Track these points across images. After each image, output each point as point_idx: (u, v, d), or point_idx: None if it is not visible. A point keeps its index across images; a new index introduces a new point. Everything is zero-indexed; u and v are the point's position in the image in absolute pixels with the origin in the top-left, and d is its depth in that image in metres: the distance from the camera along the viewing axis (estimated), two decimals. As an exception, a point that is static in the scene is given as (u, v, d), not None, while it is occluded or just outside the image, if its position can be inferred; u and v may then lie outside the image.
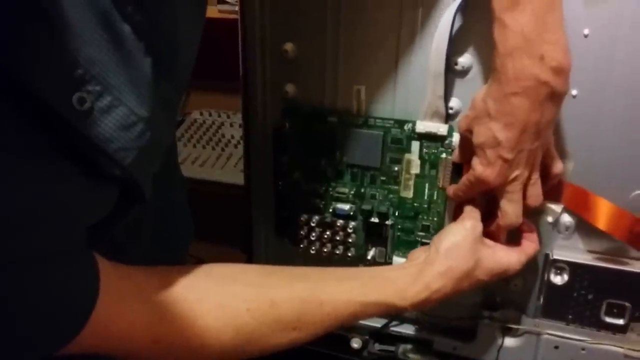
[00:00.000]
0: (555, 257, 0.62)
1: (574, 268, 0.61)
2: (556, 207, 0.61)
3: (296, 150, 0.68)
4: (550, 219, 0.61)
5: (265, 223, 0.74)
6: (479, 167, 0.53)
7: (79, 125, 0.34)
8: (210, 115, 1.58)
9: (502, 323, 0.66)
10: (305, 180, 0.69)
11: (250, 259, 0.77)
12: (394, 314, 0.52)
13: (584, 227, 0.61)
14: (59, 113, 0.33)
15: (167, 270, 0.47)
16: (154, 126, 0.39)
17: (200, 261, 1.66)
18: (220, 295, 0.48)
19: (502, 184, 0.53)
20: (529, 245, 0.59)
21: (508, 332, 0.67)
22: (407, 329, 0.72)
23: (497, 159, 0.51)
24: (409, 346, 0.74)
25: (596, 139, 0.57)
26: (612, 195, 0.58)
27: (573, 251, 0.62)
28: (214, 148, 1.46)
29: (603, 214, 0.58)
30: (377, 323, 0.73)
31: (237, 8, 0.67)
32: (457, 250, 0.55)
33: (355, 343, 0.73)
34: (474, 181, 0.54)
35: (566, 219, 0.61)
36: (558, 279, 0.62)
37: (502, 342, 0.67)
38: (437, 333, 0.71)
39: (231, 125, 1.51)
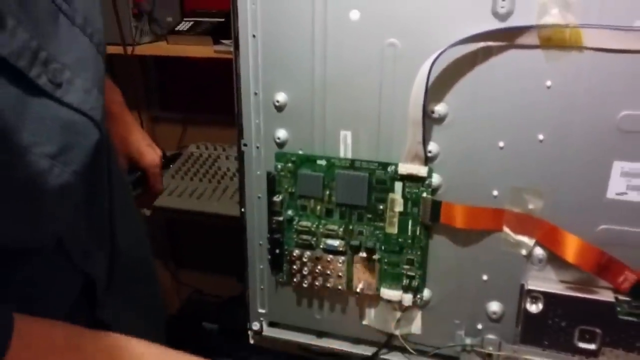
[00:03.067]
0: (530, 287, 0.65)
1: (548, 297, 0.65)
2: (529, 241, 0.65)
3: (288, 191, 0.72)
4: (524, 251, 0.65)
5: (261, 259, 0.78)
6: None
7: (59, 94, 0.42)
8: (206, 148, 1.62)
9: (483, 349, 0.70)
10: (297, 219, 0.73)
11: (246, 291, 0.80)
12: None
13: (556, 260, 0.64)
14: (42, 90, 0.41)
15: (75, 332, 0.49)
16: (101, 90, 0.48)
17: (197, 291, 1.68)
18: None
19: None
20: None
21: (489, 358, 0.70)
22: (396, 357, 0.76)
23: None
24: (398, 373, 0.77)
25: (562, 179, 0.61)
26: (580, 230, 0.62)
27: (546, 281, 0.65)
28: (211, 181, 1.50)
29: (572, 248, 0.62)
30: (367, 351, 0.76)
31: (232, 48, 0.70)
32: None
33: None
34: None
35: (539, 251, 0.65)
36: (534, 308, 0.66)
37: (484, 368, 0.71)
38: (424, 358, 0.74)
39: (227, 157, 1.55)
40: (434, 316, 0.72)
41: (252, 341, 0.83)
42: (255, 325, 0.81)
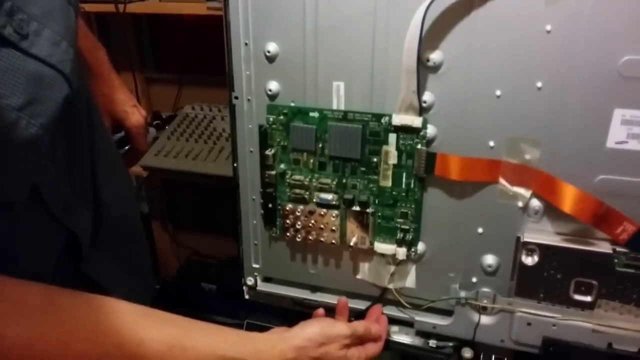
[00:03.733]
0: (526, 239, 0.64)
1: (544, 249, 0.63)
2: (525, 192, 0.63)
3: (281, 144, 0.70)
4: (520, 203, 0.63)
5: (254, 214, 0.76)
6: None
7: (25, 46, 0.40)
8: (201, 109, 1.59)
9: (478, 302, 0.68)
10: (290, 173, 0.70)
11: (239, 247, 0.79)
12: None
13: (552, 211, 0.62)
14: (8, 40, 0.39)
15: (53, 291, 0.48)
16: (72, 43, 0.46)
17: (196, 252, 1.67)
18: (95, 325, 0.48)
19: None
20: (373, 347, 0.67)
21: (484, 311, 0.69)
22: (390, 311, 0.74)
23: None
24: (393, 327, 0.76)
25: (561, 128, 0.59)
26: (578, 181, 0.60)
27: (542, 233, 0.64)
28: (206, 141, 1.47)
29: (569, 198, 0.59)
30: (361, 305, 0.75)
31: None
32: (317, 337, 0.61)
33: (342, 325, 0.75)
34: None
35: (535, 203, 0.63)
36: (529, 260, 0.64)
37: (479, 321, 0.69)
38: (418, 314, 0.73)
39: (222, 118, 1.52)
40: (429, 270, 0.71)
41: (247, 296, 0.82)
42: (250, 280, 0.80)
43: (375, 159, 0.66)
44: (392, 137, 0.65)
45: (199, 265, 1.81)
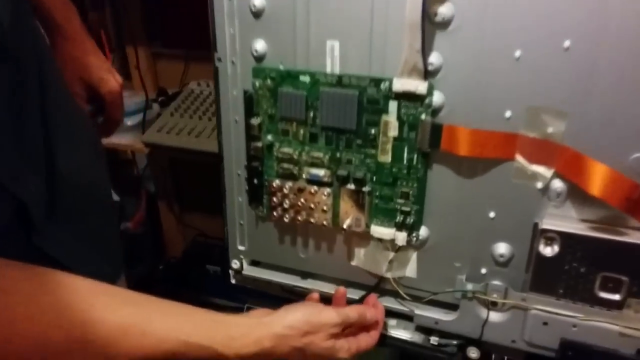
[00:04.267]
0: (545, 226, 0.54)
1: (566, 238, 0.54)
2: (546, 172, 0.53)
3: (268, 113, 0.61)
4: (539, 184, 0.54)
5: (239, 191, 0.67)
6: None
7: None
8: (207, 85, 1.51)
9: (487, 297, 0.59)
10: (278, 145, 0.62)
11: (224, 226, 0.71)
12: None
13: (577, 194, 0.53)
14: None
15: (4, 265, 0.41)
16: None
17: (202, 234, 1.57)
18: (41, 302, 0.42)
19: None
20: (366, 340, 0.59)
21: (493, 306, 0.60)
22: (388, 302, 0.66)
23: None
24: (391, 321, 0.67)
25: (591, 95, 0.49)
26: (608, 159, 0.50)
27: (564, 220, 0.54)
28: (210, 119, 1.39)
29: (598, 179, 0.50)
30: (355, 295, 0.66)
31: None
32: (300, 325, 0.53)
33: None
34: None
35: (557, 184, 0.53)
36: (548, 250, 0.55)
37: (487, 317, 0.60)
38: (418, 307, 0.64)
39: (228, 95, 1.44)
40: (432, 258, 0.62)
41: (233, 280, 0.74)
42: (235, 264, 0.72)
43: (373, 131, 0.57)
44: (393, 105, 0.56)
45: (205, 247, 1.75)
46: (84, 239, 0.55)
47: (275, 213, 0.64)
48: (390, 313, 0.66)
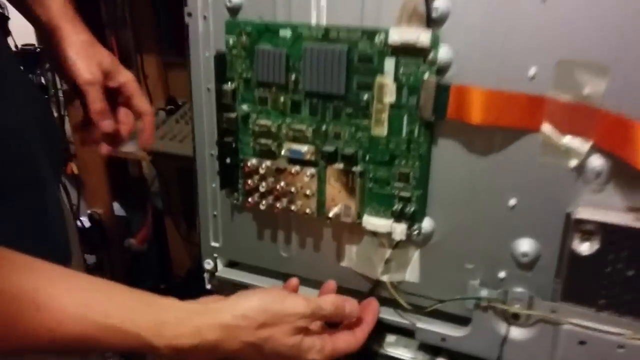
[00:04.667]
0: (581, 216, 0.42)
1: (607, 232, 0.41)
2: (581, 145, 0.41)
3: (243, 77, 0.51)
4: (573, 162, 0.42)
5: (212, 175, 0.57)
6: None
7: None
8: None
9: (507, 307, 0.47)
10: (255, 116, 0.51)
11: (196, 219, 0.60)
12: (145, 352, 0.37)
13: (622, 173, 0.41)
14: None
15: None
16: None
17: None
18: None
19: None
20: (346, 340, 0.47)
21: (514, 320, 0.47)
22: (385, 314, 0.54)
23: None
24: (389, 337, 0.55)
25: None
26: (665, 124, 0.38)
27: (606, 208, 0.42)
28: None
29: (651, 148, 0.38)
30: (346, 304, 0.54)
31: None
32: (256, 315, 0.41)
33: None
34: None
35: (596, 162, 0.41)
36: (585, 247, 0.43)
37: (507, 334, 0.48)
38: (421, 319, 0.52)
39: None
40: (437, 258, 0.50)
41: (208, 285, 0.63)
42: (208, 264, 0.61)
43: (365, 96, 0.46)
44: (390, 63, 0.45)
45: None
46: (9, 219, 0.45)
47: (250, 199, 0.53)
48: (388, 327, 0.54)
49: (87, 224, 1.62)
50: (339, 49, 0.46)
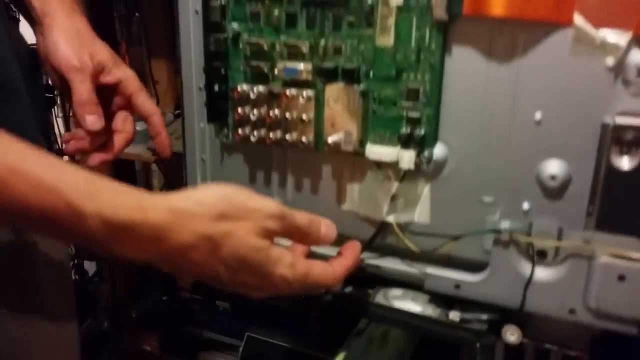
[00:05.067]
0: (620, 122, 0.36)
1: (652, 140, 0.35)
2: (620, 38, 0.35)
3: (233, -9, 0.46)
4: (610, 60, 0.36)
5: (201, 112, 0.51)
6: None
7: None
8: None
9: (532, 240, 0.40)
10: (246, 35, 0.46)
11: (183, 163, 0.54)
12: (68, 230, 0.30)
13: (669, 70, 0.35)
14: None
15: None
16: None
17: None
18: None
19: None
20: (322, 267, 0.38)
21: (540, 258, 0.41)
22: (390, 263, 0.47)
23: None
24: (394, 291, 0.48)
25: None
26: None
27: (650, 112, 0.36)
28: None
29: None
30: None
31: None
32: (216, 203, 0.33)
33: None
34: None
35: (637, 57, 0.35)
36: (625, 162, 0.37)
37: (532, 274, 0.41)
38: (432, 266, 0.45)
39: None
40: (451, 191, 0.43)
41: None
42: (194, 215, 0.54)
43: (370, 1, 0.41)
44: (397, -42, 0.39)
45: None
46: None
47: (240, 131, 0.47)
48: (393, 282, 0.47)
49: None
50: (340, -55, 0.41)
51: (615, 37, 0.36)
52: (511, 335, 0.43)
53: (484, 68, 0.40)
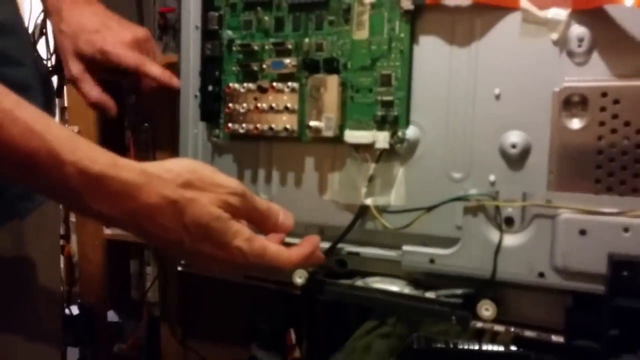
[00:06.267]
0: (566, 84, 0.40)
1: (595, 97, 0.39)
2: (559, 14, 0.40)
3: (230, 4, 0.52)
4: (554, 35, 0.41)
5: (195, 119, 0.55)
6: None
7: None
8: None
9: (498, 203, 0.42)
10: (239, 41, 0.51)
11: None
12: (46, 176, 0.32)
13: (604, 40, 0.39)
14: None
15: None
16: None
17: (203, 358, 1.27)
18: None
19: None
20: (278, 249, 0.40)
21: (509, 227, 0.42)
22: (368, 250, 0.48)
23: None
24: (373, 278, 0.49)
25: None
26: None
27: (593, 76, 0.40)
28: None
29: (628, -13, 0.37)
30: (325, 244, 0.49)
31: None
32: (183, 172, 0.36)
33: (299, 277, 0.49)
34: None
35: (577, 30, 0.40)
36: (575, 122, 0.40)
37: (500, 241, 0.42)
38: (406, 242, 0.47)
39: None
40: (423, 171, 0.46)
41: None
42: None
43: (347, 0, 0.47)
44: (369, -35, 0.46)
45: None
46: None
47: (230, 125, 0.51)
48: (371, 274, 0.49)
49: (75, 311, 1.53)
50: (322, -45, 0.47)
51: (557, 14, 0.41)
52: (486, 310, 0.43)
53: (447, 52, 0.44)
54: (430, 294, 0.45)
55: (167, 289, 1.62)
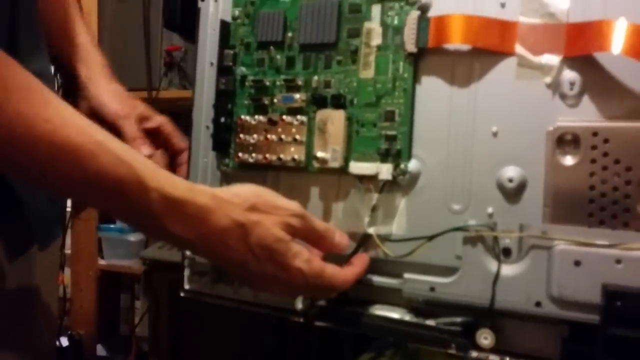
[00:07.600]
0: (560, 124, 0.42)
1: (588, 136, 0.41)
2: (552, 60, 0.43)
3: (244, 42, 0.55)
4: (547, 79, 0.44)
5: (206, 148, 0.57)
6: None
7: None
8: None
9: (496, 234, 0.44)
10: (251, 76, 0.54)
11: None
12: (132, 201, 0.36)
13: (594, 85, 0.42)
14: None
15: None
16: None
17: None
18: None
19: None
20: (334, 269, 0.44)
21: (506, 257, 0.44)
22: (369, 276, 0.49)
23: None
24: (377, 306, 0.50)
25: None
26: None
27: (584, 116, 0.42)
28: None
29: (616, 35, 0.40)
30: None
31: None
32: (249, 197, 0.41)
33: (300, 303, 0.50)
34: None
35: (569, 74, 0.43)
36: (568, 159, 0.42)
37: (498, 270, 0.44)
38: (407, 269, 0.48)
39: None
40: (424, 202, 0.48)
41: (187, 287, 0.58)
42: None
43: (354, 43, 0.50)
44: (376, 10, 0.49)
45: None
46: None
47: (240, 154, 0.53)
48: (372, 302, 0.50)
49: (65, 343, 1.51)
50: (331, 1, 0.50)
51: (550, 60, 0.43)
52: (485, 339, 0.44)
53: (448, 92, 0.47)
54: (430, 322, 0.47)
55: (159, 324, 1.60)
